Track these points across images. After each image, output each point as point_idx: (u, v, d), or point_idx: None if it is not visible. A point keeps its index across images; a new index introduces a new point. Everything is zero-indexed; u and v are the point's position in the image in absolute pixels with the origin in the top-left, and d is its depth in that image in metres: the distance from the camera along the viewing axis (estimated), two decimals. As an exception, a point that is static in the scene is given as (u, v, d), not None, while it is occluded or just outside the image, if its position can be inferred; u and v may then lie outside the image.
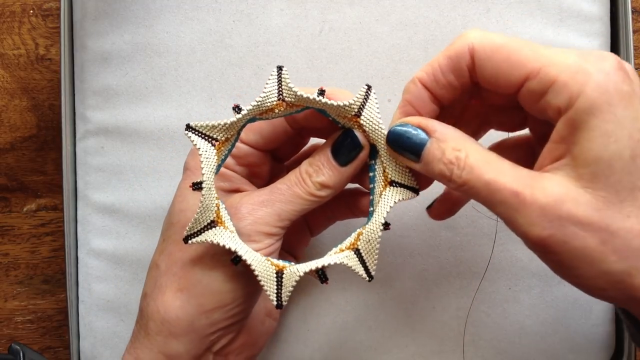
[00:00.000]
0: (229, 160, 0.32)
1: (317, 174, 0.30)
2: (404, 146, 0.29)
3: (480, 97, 0.30)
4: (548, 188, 0.25)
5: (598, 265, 0.24)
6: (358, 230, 0.31)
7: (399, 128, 0.29)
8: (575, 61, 0.25)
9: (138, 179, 0.40)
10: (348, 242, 0.30)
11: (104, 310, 0.40)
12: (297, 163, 0.35)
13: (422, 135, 0.28)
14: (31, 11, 0.44)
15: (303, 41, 0.39)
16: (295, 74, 0.39)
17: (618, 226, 0.24)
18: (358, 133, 0.30)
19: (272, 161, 0.34)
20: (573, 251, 0.24)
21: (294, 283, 0.29)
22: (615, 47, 0.39)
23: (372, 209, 0.31)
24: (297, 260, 0.37)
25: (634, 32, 0.40)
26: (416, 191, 0.31)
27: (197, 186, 0.28)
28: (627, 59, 0.38)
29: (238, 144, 0.32)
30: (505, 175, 0.25)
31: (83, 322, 0.41)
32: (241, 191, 0.33)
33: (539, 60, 0.26)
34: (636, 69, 0.40)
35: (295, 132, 0.33)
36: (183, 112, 0.39)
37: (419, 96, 0.29)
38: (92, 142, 0.40)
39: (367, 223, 0.31)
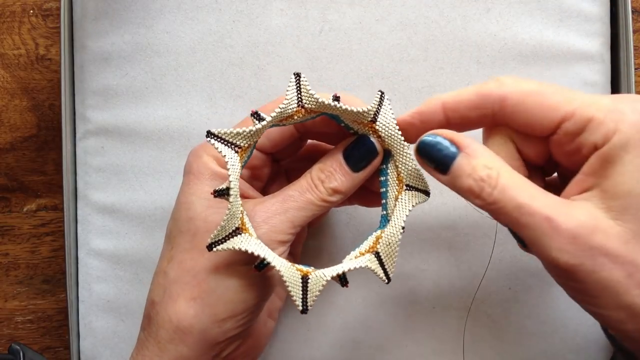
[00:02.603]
0: None
1: (329, 179, 0.30)
2: (432, 157, 0.29)
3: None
4: (580, 216, 0.25)
5: (621, 297, 0.25)
6: (375, 233, 0.31)
7: (430, 139, 0.29)
8: (610, 102, 0.26)
9: (138, 179, 0.40)
10: (367, 245, 0.31)
11: (104, 310, 0.40)
12: (296, 163, 0.35)
13: (453, 148, 0.28)
14: (31, 11, 0.44)
15: (303, 41, 0.39)
16: (295, 74, 0.39)
17: None
18: (374, 139, 0.31)
19: (272, 163, 0.35)
20: (599, 281, 0.25)
21: (321, 288, 0.29)
22: (615, 47, 0.39)
23: (384, 212, 0.32)
24: (295, 257, 0.37)
25: (634, 32, 0.40)
26: (428, 194, 0.31)
27: (219, 193, 0.28)
28: (627, 59, 0.38)
29: None
30: (537, 199, 0.26)
31: (83, 322, 0.41)
32: (246, 196, 0.33)
33: (571, 103, 0.26)
34: (636, 69, 0.40)
35: (299, 136, 0.33)
36: (183, 112, 0.39)
37: (433, 114, 0.29)
38: (92, 142, 0.40)
39: (382, 226, 0.31)
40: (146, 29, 0.39)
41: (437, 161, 0.28)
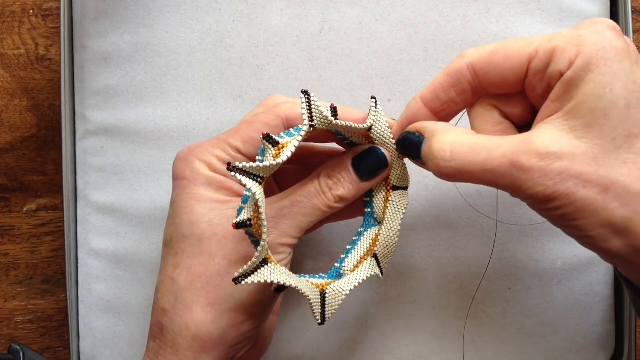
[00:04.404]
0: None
1: (336, 187, 0.31)
2: (408, 153, 0.30)
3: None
4: (541, 147, 0.25)
5: (600, 214, 0.24)
6: (366, 233, 0.32)
7: (403, 136, 0.30)
8: (569, 31, 0.26)
9: (138, 179, 0.40)
10: (364, 247, 0.32)
11: (104, 310, 0.40)
12: (285, 164, 0.36)
13: (418, 138, 0.29)
14: (31, 11, 0.44)
15: (303, 41, 0.39)
16: (295, 74, 0.39)
17: (616, 173, 0.24)
18: (385, 151, 0.31)
19: None
20: (576, 203, 0.24)
21: (340, 302, 0.30)
22: (615, 47, 0.39)
23: (369, 210, 0.32)
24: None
25: (634, 32, 0.40)
26: (407, 188, 0.32)
27: (241, 225, 0.27)
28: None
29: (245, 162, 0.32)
30: (496, 149, 0.26)
31: (83, 322, 0.41)
32: (240, 195, 0.33)
33: (532, 44, 0.27)
34: (636, 69, 0.40)
35: None
36: (183, 112, 0.39)
37: (418, 114, 0.30)
38: (92, 142, 0.40)
39: (369, 224, 0.32)
40: (146, 29, 0.39)
41: (413, 155, 0.29)
